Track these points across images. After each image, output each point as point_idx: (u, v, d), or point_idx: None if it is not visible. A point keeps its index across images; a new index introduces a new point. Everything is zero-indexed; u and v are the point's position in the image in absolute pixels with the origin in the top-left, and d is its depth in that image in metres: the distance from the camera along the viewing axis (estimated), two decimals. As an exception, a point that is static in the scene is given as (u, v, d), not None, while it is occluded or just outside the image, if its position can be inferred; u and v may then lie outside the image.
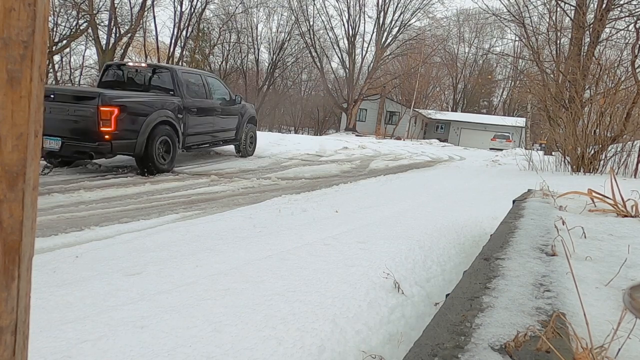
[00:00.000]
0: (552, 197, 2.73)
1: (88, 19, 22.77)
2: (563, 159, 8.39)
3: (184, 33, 30.56)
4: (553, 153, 11.01)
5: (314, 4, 35.97)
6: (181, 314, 1.80)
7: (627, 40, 10.11)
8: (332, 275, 2.23)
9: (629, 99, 7.68)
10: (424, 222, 3.48)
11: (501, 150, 20.98)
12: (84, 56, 29.94)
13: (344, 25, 52.31)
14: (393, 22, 35.95)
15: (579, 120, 7.93)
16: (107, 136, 5.83)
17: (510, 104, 46.38)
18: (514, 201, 2.81)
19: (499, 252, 1.58)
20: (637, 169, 7.29)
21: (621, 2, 10.24)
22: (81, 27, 23.24)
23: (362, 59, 38.35)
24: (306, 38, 35.94)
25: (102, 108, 5.78)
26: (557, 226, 1.85)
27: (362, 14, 36.82)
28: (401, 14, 35.65)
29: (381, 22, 35.73)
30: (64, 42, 23.22)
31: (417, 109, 36.61)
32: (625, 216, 2.24)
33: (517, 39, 15.93)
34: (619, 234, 1.87)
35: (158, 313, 1.80)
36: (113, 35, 25.06)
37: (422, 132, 39.31)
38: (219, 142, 8.58)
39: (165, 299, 1.96)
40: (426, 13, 35.99)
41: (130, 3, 26.44)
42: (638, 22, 9.07)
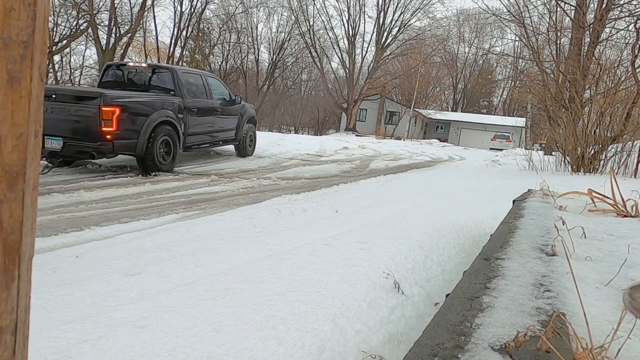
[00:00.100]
0: (552, 197, 2.73)
1: (88, 19, 22.78)
2: (563, 159, 8.39)
3: (184, 33, 30.62)
4: (553, 153, 11.01)
5: (314, 4, 36.06)
6: (181, 314, 1.80)
7: (627, 40, 10.11)
8: (332, 275, 2.23)
9: (629, 99, 7.68)
10: (424, 222, 3.48)
11: (501, 150, 20.98)
12: (84, 56, 30.05)
13: (344, 25, 52.50)
14: (393, 22, 36.00)
15: (579, 120, 7.93)
16: (108, 136, 5.84)
17: (510, 104, 46.38)
18: (514, 201, 2.81)
19: (499, 252, 1.58)
20: (637, 169, 7.29)
21: (621, 2, 10.24)
22: (81, 27, 23.26)
23: (362, 59, 38.43)
24: (306, 38, 35.98)
25: (103, 108, 5.79)
26: (557, 226, 1.85)
27: (362, 14, 36.90)
28: (401, 14, 35.70)
29: (381, 22, 35.76)
30: (64, 42, 23.25)
31: (417, 109, 36.61)
32: (625, 216, 2.24)
33: (517, 39, 15.95)
34: (619, 234, 1.87)
35: (158, 313, 1.80)
36: (113, 35, 25.09)
37: (422, 132, 39.31)
38: (219, 142, 8.59)
39: (165, 299, 1.96)
40: (426, 13, 36.06)
41: (130, 3, 26.51)
42: (638, 22, 9.07)
